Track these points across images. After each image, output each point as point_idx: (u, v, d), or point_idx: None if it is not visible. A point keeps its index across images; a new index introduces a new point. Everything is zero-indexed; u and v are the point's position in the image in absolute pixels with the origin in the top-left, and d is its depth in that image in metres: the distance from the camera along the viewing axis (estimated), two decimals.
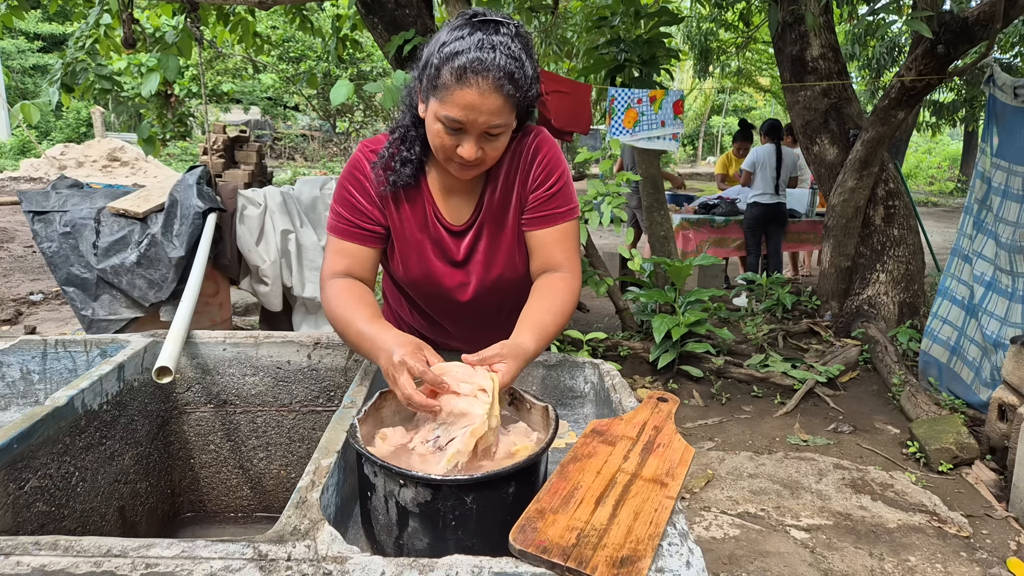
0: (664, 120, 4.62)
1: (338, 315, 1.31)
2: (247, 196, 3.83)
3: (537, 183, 1.41)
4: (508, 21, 1.23)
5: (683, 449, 1.11)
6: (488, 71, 1.17)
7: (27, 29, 22.49)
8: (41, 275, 7.06)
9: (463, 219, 1.44)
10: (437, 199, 1.44)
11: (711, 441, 3.68)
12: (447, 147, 1.26)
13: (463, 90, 1.18)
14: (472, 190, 1.44)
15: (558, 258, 1.41)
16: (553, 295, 1.36)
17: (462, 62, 1.17)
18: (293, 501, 0.95)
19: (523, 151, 1.42)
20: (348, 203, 1.41)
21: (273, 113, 22.89)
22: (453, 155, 1.27)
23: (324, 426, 1.57)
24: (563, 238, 1.42)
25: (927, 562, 2.65)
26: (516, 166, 1.42)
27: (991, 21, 4.22)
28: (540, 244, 1.42)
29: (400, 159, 1.38)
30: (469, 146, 1.24)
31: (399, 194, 1.42)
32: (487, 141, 1.26)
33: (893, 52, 12.33)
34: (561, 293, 1.37)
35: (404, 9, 4.29)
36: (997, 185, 3.68)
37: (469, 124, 1.21)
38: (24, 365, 1.60)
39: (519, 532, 0.87)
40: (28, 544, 0.86)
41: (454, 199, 1.44)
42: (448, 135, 1.24)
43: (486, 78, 1.17)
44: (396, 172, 1.38)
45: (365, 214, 1.40)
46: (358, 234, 1.40)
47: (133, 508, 1.53)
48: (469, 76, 1.17)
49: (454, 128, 1.22)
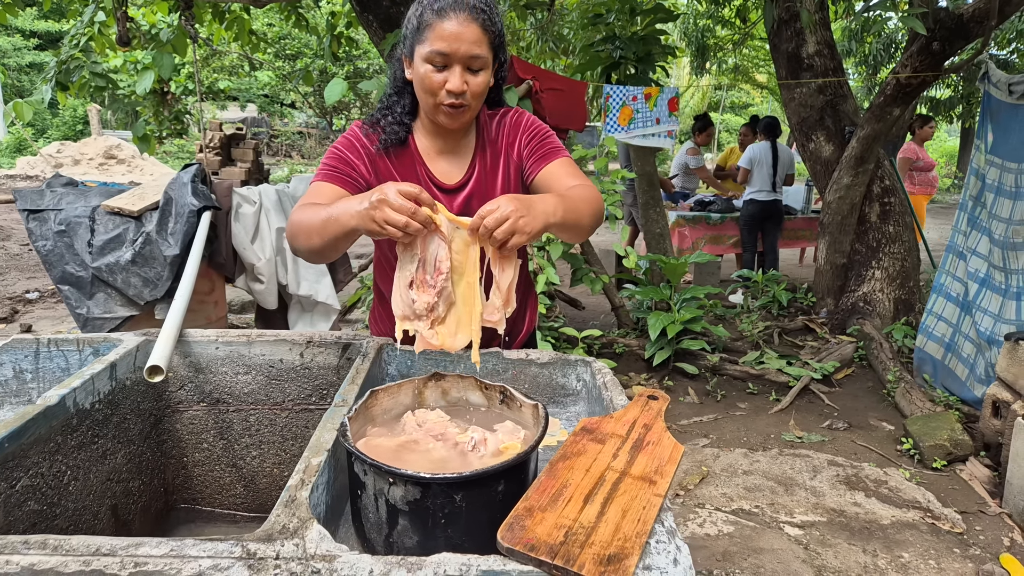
0: (659, 117, 4.62)
1: (304, 219, 1.30)
2: (242, 194, 3.82)
3: (527, 140, 1.57)
4: None
5: (672, 447, 1.12)
6: (463, 5, 1.34)
7: (23, 27, 22.42)
8: (37, 273, 7.05)
9: (455, 179, 1.54)
10: (427, 161, 1.54)
11: (706, 438, 3.69)
12: (435, 85, 1.37)
13: (443, 22, 1.34)
14: (461, 152, 1.55)
15: (572, 182, 1.48)
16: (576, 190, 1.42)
17: (441, 3, 1.34)
18: (282, 500, 0.95)
19: (507, 121, 1.58)
20: (334, 155, 1.50)
21: (270, 110, 22.85)
22: (440, 94, 1.38)
23: (317, 424, 1.57)
24: (568, 165, 1.54)
25: (920, 558, 2.66)
26: (503, 133, 1.57)
27: (986, 17, 4.22)
28: (551, 176, 1.53)
29: (389, 119, 1.51)
30: (455, 78, 1.36)
31: (390, 156, 1.51)
32: (470, 75, 1.38)
33: (889, 49, 12.36)
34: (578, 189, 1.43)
35: (399, 7, 4.28)
36: (991, 182, 3.69)
37: (452, 53, 1.34)
38: (17, 364, 1.60)
39: (507, 530, 0.87)
40: (17, 543, 0.86)
41: (443, 161, 1.54)
42: (435, 73, 1.36)
43: (462, 10, 1.34)
44: (385, 131, 1.50)
45: (348, 164, 1.48)
46: (338, 178, 1.47)
47: (126, 507, 1.53)
48: (448, 10, 1.34)
49: (440, 65, 1.36)
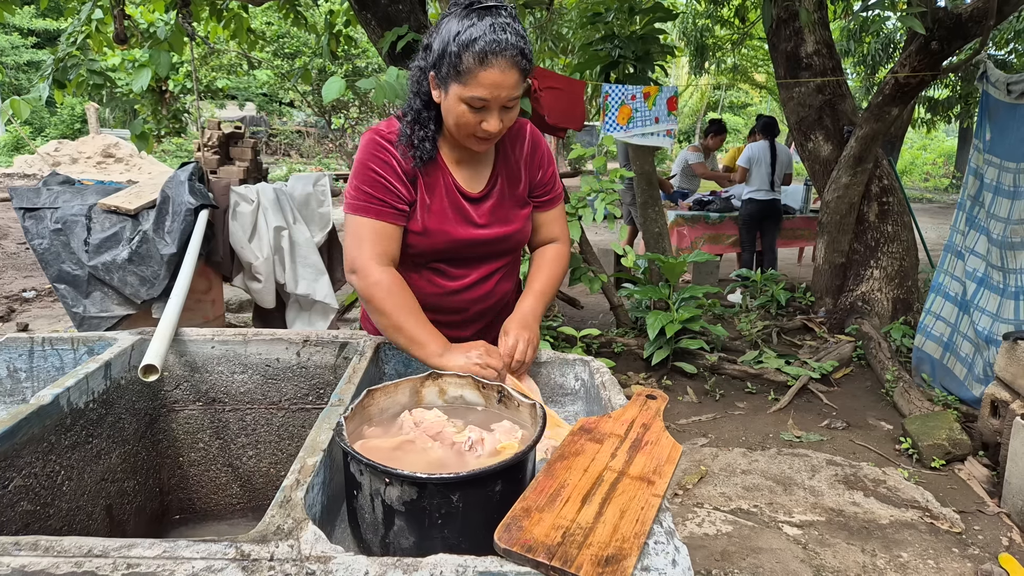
0: (658, 116, 4.61)
1: (388, 313, 1.42)
2: (240, 192, 3.81)
3: (541, 170, 1.66)
4: (502, 4, 1.36)
5: (671, 447, 1.11)
6: (506, 51, 1.31)
7: (20, 25, 22.35)
8: (34, 272, 7.03)
9: (478, 188, 1.58)
10: (452, 169, 1.56)
11: (704, 437, 3.68)
12: (470, 124, 1.40)
13: (486, 71, 1.31)
14: (483, 162, 1.59)
15: (556, 232, 1.73)
16: (547, 263, 1.69)
17: (482, 46, 1.30)
18: (277, 500, 0.94)
19: (524, 138, 1.63)
20: (378, 183, 1.47)
21: (268, 109, 22.79)
22: (476, 131, 1.41)
23: (313, 424, 1.56)
24: (559, 216, 1.73)
25: (919, 558, 2.65)
26: (521, 149, 1.63)
27: (985, 17, 4.22)
28: (545, 222, 1.71)
29: (419, 137, 1.50)
30: (494, 120, 1.39)
31: (420, 168, 1.52)
32: (505, 113, 1.41)
33: (888, 48, 12.35)
34: (555, 259, 1.71)
35: (397, 5, 4.28)
36: (989, 181, 3.68)
37: (493, 100, 1.35)
38: (11, 363, 1.59)
39: (504, 531, 0.86)
40: (8, 544, 0.85)
41: (466, 170, 1.58)
42: (472, 114, 1.38)
43: (505, 57, 1.31)
44: (419, 148, 1.50)
45: (395, 192, 1.48)
46: (391, 213, 1.47)
47: (120, 507, 1.52)
48: (490, 58, 1.30)
49: (478, 107, 1.36)
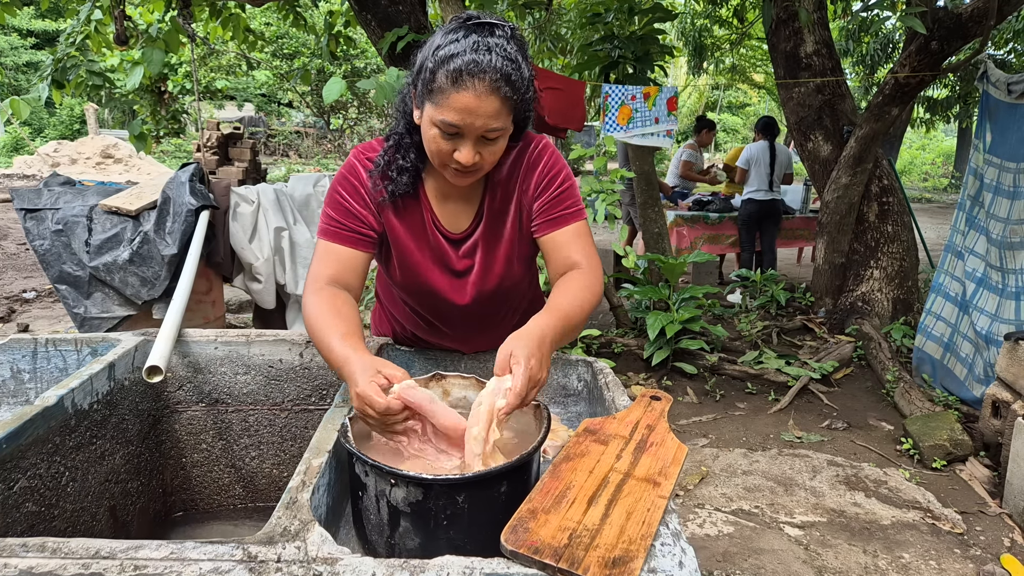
0: (658, 117, 4.61)
1: (313, 326, 1.23)
2: (240, 193, 3.81)
3: (541, 188, 1.39)
4: (503, 24, 1.20)
5: (676, 448, 1.11)
6: (484, 73, 1.13)
7: (20, 26, 22.34)
8: (34, 273, 7.02)
9: (462, 227, 1.42)
10: (435, 206, 1.41)
11: (705, 438, 3.68)
12: (443, 152, 1.22)
13: (459, 93, 1.14)
14: (471, 197, 1.41)
15: (575, 257, 1.37)
16: (568, 287, 1.31)
17: (457, 65, 1.13)
18: (283, 502, 0.95)
19: (524, 160, 1.40)
20: (340, 206, 1.36)
21: (267, 110, 22.80)
22: (449, 160, 1.23)
23: (316, 425, 1.56)
24: (576, 237, 1.39)
25: (921, 559, 2.66)
26: (517, 175, 1.40)
27: (985, 17, 4.22)
28: (555, 246, 1.39)
29: (397, 167, 1.35)
30: (466, 151, 1.20)
31: (397, 202, 1.38)
32: (484, 145, 1.22)
33: (887, 48, 12.36)
34: (577, 282, 1.32)
35: (397, 6, 4.28)
36: (989, 181, 3.69)
37: (466, 128, 1.18)
38: (14, 364, 1.59)
39: (510, 532, 0.86)
40: (15, 546, 0.85)
41: (451, 206, 1.41)
42: (444, 140, 1.20)
43: (483, 80, 1.14)
44: (394, 181, 1.35)
45: (357, 217, 1.36)
46: (349, 237, 1.35)
47: (124, 508, 1.52)
48: (465, 79, 1.13)
49: (451, 133, 1.19)
